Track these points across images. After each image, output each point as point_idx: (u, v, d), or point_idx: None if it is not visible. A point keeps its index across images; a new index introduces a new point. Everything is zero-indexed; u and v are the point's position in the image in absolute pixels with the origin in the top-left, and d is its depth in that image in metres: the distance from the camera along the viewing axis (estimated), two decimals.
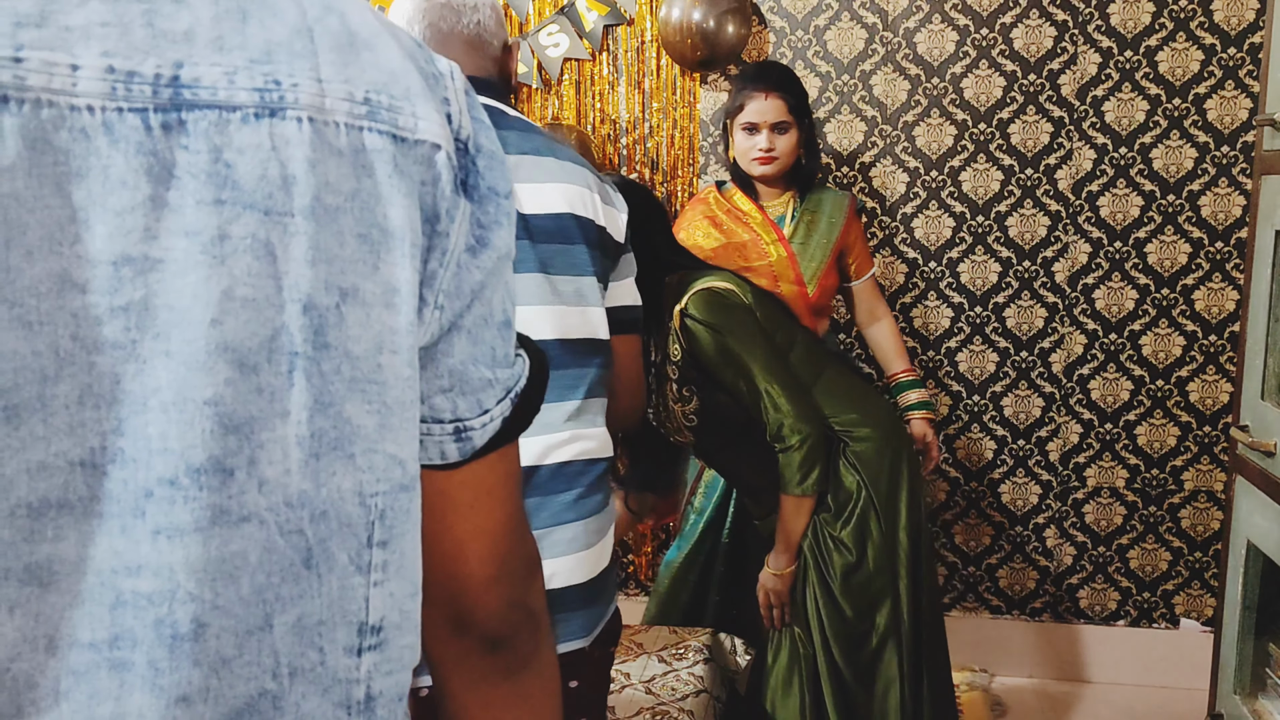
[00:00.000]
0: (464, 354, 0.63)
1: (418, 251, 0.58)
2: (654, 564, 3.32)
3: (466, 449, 0.65)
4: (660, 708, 2.06)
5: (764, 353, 1.95)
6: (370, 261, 0.56)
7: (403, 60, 0.59)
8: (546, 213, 1.40)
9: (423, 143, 0.58)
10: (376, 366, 0.56)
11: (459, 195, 0.61)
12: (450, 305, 0.61)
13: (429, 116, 0.59)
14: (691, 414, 2.03)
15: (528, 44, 3.10)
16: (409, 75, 0.59)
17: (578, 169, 1.46)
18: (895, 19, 2.98)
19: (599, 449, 1.44)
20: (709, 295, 1.95)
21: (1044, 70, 2.94)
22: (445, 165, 0.59)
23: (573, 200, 1.42)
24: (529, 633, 0.73)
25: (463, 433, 0.65)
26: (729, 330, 1.93)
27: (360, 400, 0.56)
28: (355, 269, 0.55)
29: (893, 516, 2.01)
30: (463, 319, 0.62)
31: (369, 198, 0.55)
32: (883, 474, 2.02)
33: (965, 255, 3.05)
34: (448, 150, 0.59)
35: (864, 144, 3.04)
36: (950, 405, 3.12)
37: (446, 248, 0.60)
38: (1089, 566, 3.13)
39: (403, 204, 0.57)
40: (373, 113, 0.56)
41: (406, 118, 0.57)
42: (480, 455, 0.66)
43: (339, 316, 0.54)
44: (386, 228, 0.56)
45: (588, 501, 1.41)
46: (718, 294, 1.96)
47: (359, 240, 0.55)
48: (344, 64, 0.55)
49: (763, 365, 1.93)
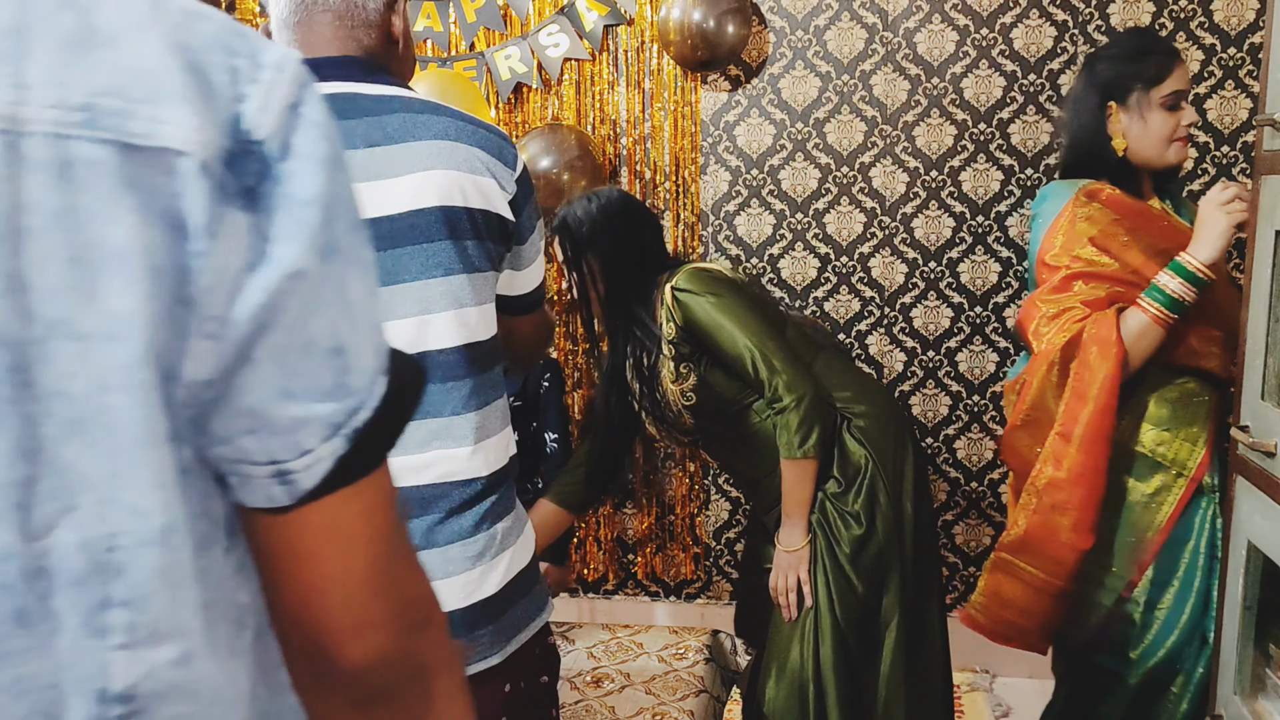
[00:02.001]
0: (264, 390, 0.55)
1: (161, 275, 0.50)
2: (653, 564, 3.32)
3: (295, 491, 0.57)
4: (660, 708, 2.06)
5: (757, 316, 1.95)
6: (85, 288, 0.49)
7: (161, 57, 0.51)
8: (385, 215, 1.27)
9: (164, 150, 0.50)
10: (101, 407, 0.50)
11: (227, 206, 0.52)
12: (227, 334, 0.53)
13: (179, 120, 0.51)
14: (690, 391, 2.02)
15: (528, 44, 3.10)
16: (163, 74, 0.51)
17: (441, 148, 1.30)
18: (895, 19, 2.98)
19: (465, 470, 1.31)
20: (699, 270, 1.99)
21: (1044, 70, 2.94)
22: (196, 174, 0.51)
23: (424, 192, 1.28)
24: (416, 691, 0.65)
25: (284, 475, 0.57)
26: (720, 294, 1.95)
27: (82, 445, 0.49)
28: (65, 297, 0.48)
29: (899, 487, 2.03)
30: (253, 350, 0.54)
31: (81, 216, 0.48)
32: (888, 446, 2.05)
33: (965, 255, 3.05)
34: (204, 156, 0.51)
35: (864, 144, 3.04)
36: (950, 405, 3.12)
37: (211, 267, 0.52)
38: None
39: (130, 221, 0.49)
40: (91, 120, 0.49)
41: (142, 122, 0.50)
42: (316, 497, 0.58)
43: (44, 352, 0.48)
44: (106, 249, 0.49)
45: (445, 528, 1.29)
46: (708, 269, 2.00)
47: (69, 265, 0.48)
48: (64, 66, 0.49)
49: (756, 326, 1.93)
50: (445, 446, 1.29)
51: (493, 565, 1.33)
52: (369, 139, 1.28)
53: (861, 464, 2.03)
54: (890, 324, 3.10)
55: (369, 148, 1.28)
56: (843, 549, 2.01)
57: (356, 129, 1.28)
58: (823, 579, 2.03)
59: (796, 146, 3.07)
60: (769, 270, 3.13)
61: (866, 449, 2.04)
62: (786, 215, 3.11)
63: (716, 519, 3.29)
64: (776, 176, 3.09)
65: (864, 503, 2.01)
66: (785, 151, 3.08)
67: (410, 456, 1.28)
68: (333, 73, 1.29)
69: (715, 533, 3.30)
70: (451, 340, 1.30)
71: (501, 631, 1.34)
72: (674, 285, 1.97)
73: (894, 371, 3.12)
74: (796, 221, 3.10)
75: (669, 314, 1.98)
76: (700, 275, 1.98)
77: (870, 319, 3.11)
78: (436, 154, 1.30)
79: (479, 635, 1.31)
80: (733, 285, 1.99)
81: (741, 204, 3.12)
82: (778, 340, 1.95)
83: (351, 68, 1.31)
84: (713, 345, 1.96)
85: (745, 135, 3.09)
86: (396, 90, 1.33)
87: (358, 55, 1.33)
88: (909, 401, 3.13)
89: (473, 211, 1.31)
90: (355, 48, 1.33)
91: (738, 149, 3.10)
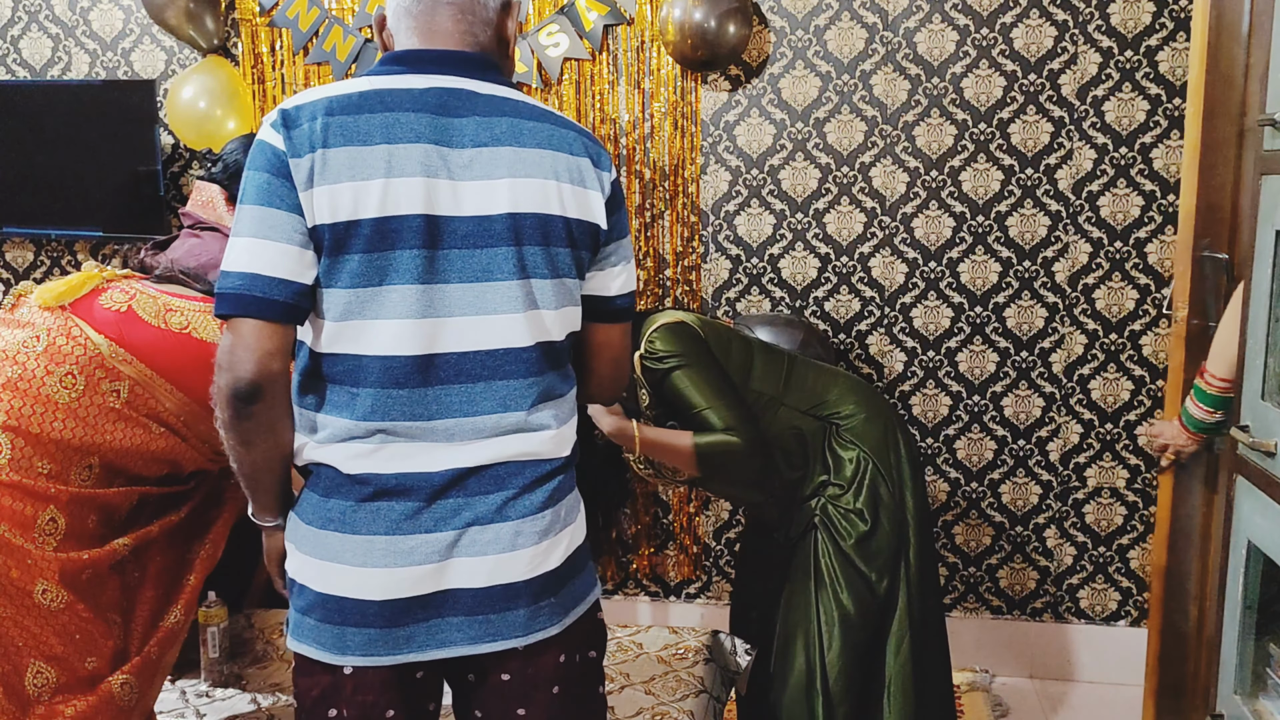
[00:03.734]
0: None
1: None
2: (652, 565, 3.32)
3: None
4: (660, 708, 2.06)
5: (715, 379, 2.03)
6: None
7: None
8: (483, 214, 1.31)
9: None
10: None
11: None
12: None
13: None
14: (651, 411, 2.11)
15: (528, 44, 3.10)
16: None
17: (543, 156, 1.34)
18: (895, 19, 2.98)
19: (538, 451, 1.38)
20: (664, 330, 2.04)
21: (1044, 70, 2.94)
22: None
23: (522, 196, 1.32)
24: None
25: None
26: (684, 362, 2.01)
27: None
28: None
29: (898, 479, 2.08)
30: None
31: None
32: (880, 441, 2.09)
33: (965, 255, 3.05)
34: None
35: (864, 144, 3.04)
36: (950, 405, 3.11)
37: None
38: (1089, 566, 3.12)
39: None
40: None
41: None
42: None
43: None
44: None
45: (517, 504, 1.36)
46: (671, 327, 2.04)
47: None
48: None
49: (714, 391, 2.01)
50: (523, 431, 1.36)
51: (557, 540, 1.39)
52: (477, 139, 1.32)
53: (858, 464, 2.05)
54: (890, 324, 3.10)
55: (476, 148, 1.32)
56: (848, 543, 2.03)
57: (466, 128, 1.32)
58: (830, 574, 2.04)
59: (796, 146, 3.07)
60: (769, 270, 3.13)
61: (860, 448, 2.07)
62: (786, 215, 3.10)
63: (716, 519, 3.29)
64: (776, 176, 3.09)
65: (866, 499, 2.04)
66: (785, 151, 3.08)
67: (490, 440, 1.34)
68: (451, 68, 1.34)
69: (715, 533, 3.30)
70: (529, 339, 1.35)
71: (561, 604, 1.40)
72: (642, 355, 2.03)
73: (894, 371, 3.12)
74: (796, 221, 3.10)
75: (640, 382, 2.06)
76: (666, 338, 2.03)
77: (870, 319, 3.11)
78: (538, 162, 1.34)
79: (542, 606, 1.37)
80: (695, 342, 2.04)
81: (741, 204, 3.12)
82: (729, 399, 2.02)
83: (469, 65, 1.36)
84: (676, 402, 2.03)
85: (745, 135, 3.09)
86: (507, 92, 1.37)
87: (474, 51, 1.37)
88: (909, 402, 3.13)
89: (569, 220, 1.36)
90: (472, 43, 1.38)
91: (738, 149, 3.10)
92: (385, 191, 1.27)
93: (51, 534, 1.69)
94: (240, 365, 1.27)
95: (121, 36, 3.35)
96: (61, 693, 1.66)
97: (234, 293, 1.26)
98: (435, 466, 1.32)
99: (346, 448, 1.31)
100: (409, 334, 1.29)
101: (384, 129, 1.28)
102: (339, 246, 1.27)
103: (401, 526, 1.31)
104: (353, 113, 1.28)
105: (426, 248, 1.29)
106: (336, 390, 1.31)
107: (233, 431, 1.33)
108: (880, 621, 2.06)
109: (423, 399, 1.31)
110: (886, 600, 2.06)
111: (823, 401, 2.12)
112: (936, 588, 2.16)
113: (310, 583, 1.34)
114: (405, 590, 1.31)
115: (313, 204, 1.26)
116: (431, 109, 1.31)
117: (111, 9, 3.34)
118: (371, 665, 1.33)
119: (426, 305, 1.29)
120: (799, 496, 2.11)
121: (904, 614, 2.06)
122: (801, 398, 2.12)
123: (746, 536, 2.39)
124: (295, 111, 1.29)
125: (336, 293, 1.28)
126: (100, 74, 3.37)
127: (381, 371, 1.29)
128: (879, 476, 2.05)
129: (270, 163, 1.27)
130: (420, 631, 1.32)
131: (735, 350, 2.13)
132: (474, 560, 1.33)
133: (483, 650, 1.35)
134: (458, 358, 1.31)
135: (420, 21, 1.36)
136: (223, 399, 1.30)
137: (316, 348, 1.32)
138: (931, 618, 2.12)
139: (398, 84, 1.31)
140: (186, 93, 3.11)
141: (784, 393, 2.11)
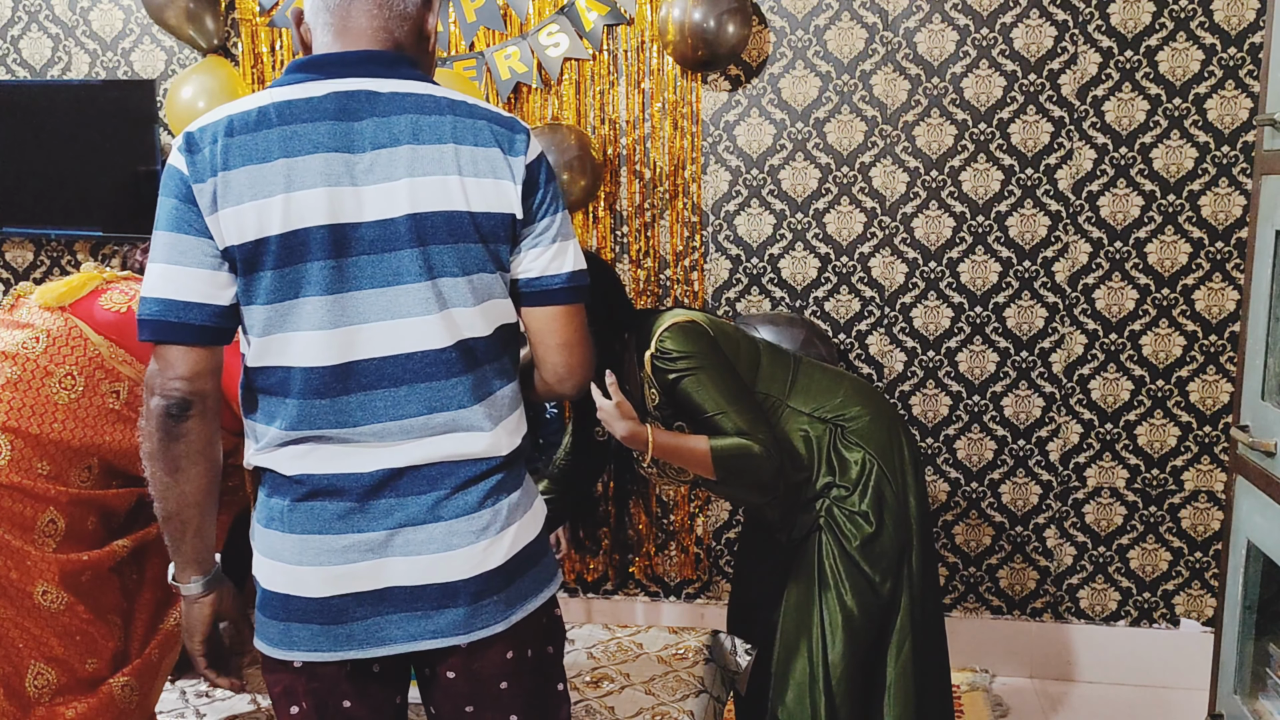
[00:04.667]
0: None
1: None
2: (651, 566, 3.32)
3: None
4: (660, 708, 2.06)
5: (728, 381, 1.98)
6: None
7: None
8: (385, 218, 1.30)
9: None
10: None
11: None
12: None
13: None
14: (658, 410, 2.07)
15: (527, 43, 3.10)
16: None
17: (444, 152, 1.31)
18: (895, 19, 2.98)
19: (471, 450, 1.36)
20: (676, 330, 1.99)
21: (1044, 70, 2.94)
22: None
23: (422, 196, 1.30)
24: None
25: None
26: (695, 363, 1.96)
27: None
28: None
29: (902, 481, 2.07)
30: None
31: None
32: (885, 443, 2.08)
33: (965, 255, 3.05)
34: None
35: (864, 144, 3.04)
36: (950, 405, 3.11)
37: None
38: (1089, 566, 3.12)
39: None
40: None
41: None
42: None
43: None
44: None
45: (450, 504, 1.35)
46: (683, 326, 2.00)
47: None
48: None
49: (727, 392, 1.96)
50: (454, 431, 1.35)
51: (498, 539, 1.38)
52: (376, 141, 1.31)
53: (864, 465, 2.05)
54: (890, 324, 3.10)
55: (375, 150, 1.30)
56: (853, 545, 2.03)
57: (365, 130, 1.31)
58: (834, 576, 2.04)
59: (796, 146, 3.07)
60: (769, 270, 3.13)
61: (866, 449, 2.06)
62: (786, 215, 3.10)
63: (716, 519, 3.29)
64: (776, 176, 3.09)
65: (871, 501, 2.03)
66: (785, 151, 3.08)
67: (421, 440, 1.34)
68: (354, 69, 1.33)
69: (715, 533, 3.30)
70: (446, 340, 1.34)
71: (507, 600, 1.39)
72: (653, 355, 1.98)
73: (894, 371, 3.12)
74: (796, 221, 3.10)
75: (649, 382, 2.02)
76: (678, 337, 1.97)
77: (870, 319, 3.11)
78: (437, 158, 1.32)
79: (484, 604, 1.37)
80: (708, 342, 2.00)
81: (742, 204, 3.12)
82: (744, 403, 1.97)
83: (374, 63, 1.34)
84: (688, 404, 1.99)
85: (745, 135, 3.09)
86: (411, 87, 1.34)
87: (383, 50, 1.35)
88: (909, 402, 3.13)
89: (474, 215, 1.33)
90: (386, 40, 1.36)
91: (738, 149, 3.10)
92: (287, 207, 1.27)
93: (51, 535, 1.69)
94: (168, 387, 1.30)
95: (121, 36, 3.35)
96: (62, 694, 1.66)
97: (152, 319, 1.29)
98: (366, 467, 1.34)
99: (282, 452, 1.34)
100: (324, 344, 1.31)
101: (282, 143, 1.28)
102: (251, 265, 1.29)
103: (334, 525, 1.34)
104: (251, 130, 1.28)
105: (334, 257, 1.29)
106: (268, 400, 1.35)
107: (161, 460, 1.33)
108: (883, 623, 2.06)
109: (345, 406, 1.32)
110: (889, 602, 2.05)
111: (828, 403, 2.10)
112: (937, 589, 2.16)
113: (261, 580, 1.38)
114: (341, 588, 1.34)
115: (220, 227, 1.28)
116: (331, 115, 1.30)
117: (111, 9, 3.34)
118: (319, 661, 1.36)
119: (339, 314, 1.31)
120: (803, 498, 2.10)
121: (906, 616, 2.06)
122: (807, 399, 2.10)
123: (746, 535, 2.38)
124: (199, 134, 1.30)
125: (256, 309, 1.31)
126: (100, 74, 3.37)
127: (304, 382, 1.31)
128: (884, 478, 2.05)
129: (177, 188, 1.29)
130: (360, 629, 1.35)
131: (744, 350, 2.11)
132: (408, 560, 1.34)
133: (423, 647, 1.36)
134: (377, 363, 1.32)
135: (336, 17, 1.35)
136: (153, 421, 1.32)
137: (248, 362, 1.35)
138: (932, 619, 2.12)
139: (297, 94, 1.31)
140: (186, 93, 3.11)
141: (790, 394, 2.10)
